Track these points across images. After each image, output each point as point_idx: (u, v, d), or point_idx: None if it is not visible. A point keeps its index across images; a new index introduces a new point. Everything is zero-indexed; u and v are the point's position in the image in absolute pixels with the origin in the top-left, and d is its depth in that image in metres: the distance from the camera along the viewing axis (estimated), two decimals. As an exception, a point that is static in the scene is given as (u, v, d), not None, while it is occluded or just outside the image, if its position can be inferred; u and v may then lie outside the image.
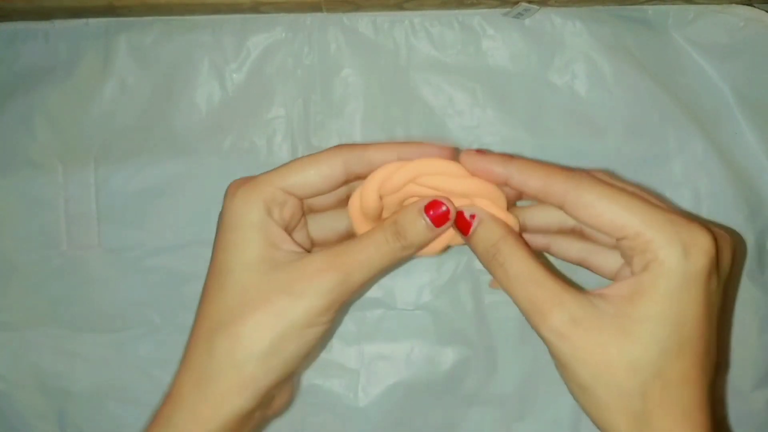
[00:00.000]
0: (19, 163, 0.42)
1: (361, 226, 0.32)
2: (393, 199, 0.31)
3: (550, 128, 0.41)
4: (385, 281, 0.42)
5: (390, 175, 0.30)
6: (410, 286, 0.42)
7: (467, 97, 0.42)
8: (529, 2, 0.39)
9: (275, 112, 0.42)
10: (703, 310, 0.27)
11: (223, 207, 0.30)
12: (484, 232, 0.29)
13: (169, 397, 0.29)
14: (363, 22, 0.41)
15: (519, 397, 0.42)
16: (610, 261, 0.31)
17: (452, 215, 0.29)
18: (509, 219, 0.30)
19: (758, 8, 0.40)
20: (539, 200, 0.29)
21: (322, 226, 0.33)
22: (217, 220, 0.31)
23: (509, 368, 0.42)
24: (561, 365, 0.27)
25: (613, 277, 0.31)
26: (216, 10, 0.40)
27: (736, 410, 0.42)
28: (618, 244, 0.28)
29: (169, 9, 0.40)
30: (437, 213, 0.29)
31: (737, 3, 0.40)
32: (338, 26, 0.41)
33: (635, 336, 0.26)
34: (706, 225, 0.28)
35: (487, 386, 0.42)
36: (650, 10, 0.41)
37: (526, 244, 0.29)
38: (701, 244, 0.26)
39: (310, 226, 0.33)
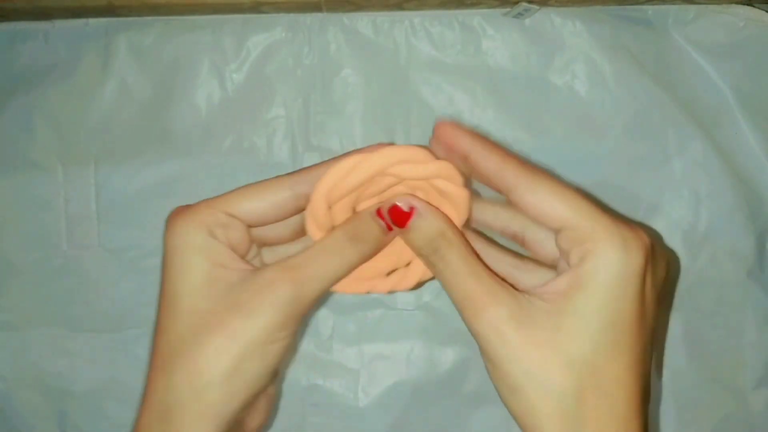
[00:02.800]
0: (19, 164, 0.42)
1: (317, 237, 0.31)
2: (345, 203, 0.30)
3: (549, 128, 0.42)
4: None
5: (336, 183, 0.29)
6: (410, 286, 0.42)
7: (467, 97, 0.42)
8: (529, 2, 0.39)
9: (275, 112, 0.42)
10: (637, 309, 0.26)
11: (165, 233, 0.29)
12: (426, 225, 0.28)
13: None
14: (363, 22, 0.41)
15: (519, 397, 0.42)
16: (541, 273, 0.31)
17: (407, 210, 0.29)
18: (464, 194, 0.29)
19: (758, 8, 0.40)
20: (490, 183, 0.28)
21: (278, 256, 0.32)
22: None
23: (509, 368, 0.42)
24: (492, 364, 0.27)
25: None
26: (216, 10, 0.40)
27: (736, 410, 0.42)
28: (557, 237, 0.27)
29: (169, 9, 0.40)
30: (392, 214, 0.29)
31: (737, 3, 0.40)
32: (338, 26, 0.41)
33: (569, 331, 0.25)
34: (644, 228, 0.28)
35: (488, 386, 0.41)
36: (650, 10, 0.41)
37: (466, 239, 0.29)
38: (640, 241, 0.26)
39: (265, 256, 0.32)
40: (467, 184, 0.29)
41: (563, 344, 0.25)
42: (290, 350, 0.39)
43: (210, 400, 0.27)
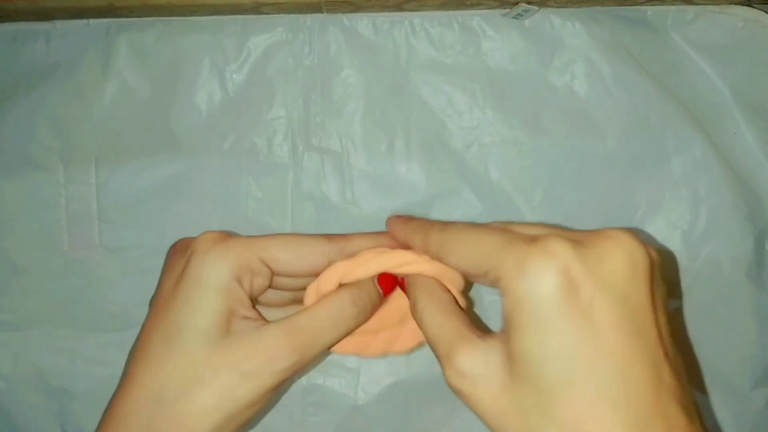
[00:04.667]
0: (21, 164, 0.42)
1: None
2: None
3: (549, 129, 0.42)
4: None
5: (348, 272, 0.30)
6: (410, 285, 0.42)
7: (467, 97, 0.42)
8: (529, 3, 0.39)
9: (276, 112, 0.42)
10: (571, 339, 0.23)
11: (190, 260, 0.28)
12: (411, 287, 0.30)
13: None
14: (363, 22, 0.41)
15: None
16: None
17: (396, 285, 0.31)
18: (460, 299, 0.30)
19: (757, 9, 0.40)
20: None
21: (278, 296, 0.33)
22: (206, 229, 0.30)
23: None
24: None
25: None
26: (216, 11, 0.40)
27: (735, 410, 0.42)
28: (490, 283, 0.26)
29: (170, 10, 0.40)
30: (387, 284, 0.31)
31: (736, 3, 0.40)
32: (338, 27, 0.41)
33: (516, 374, 0.24)
34: (593, 234, 0.25)
35: (487, 386, 0.42)
36: (649, 10, 0.41)
37: (448, 300, 0.29)
38: (545, 259, 0.23)
39: (268, 294, 0.32)
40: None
41: (511, 389, 0.24)
42: (268, 407, 0.40)
43: None
